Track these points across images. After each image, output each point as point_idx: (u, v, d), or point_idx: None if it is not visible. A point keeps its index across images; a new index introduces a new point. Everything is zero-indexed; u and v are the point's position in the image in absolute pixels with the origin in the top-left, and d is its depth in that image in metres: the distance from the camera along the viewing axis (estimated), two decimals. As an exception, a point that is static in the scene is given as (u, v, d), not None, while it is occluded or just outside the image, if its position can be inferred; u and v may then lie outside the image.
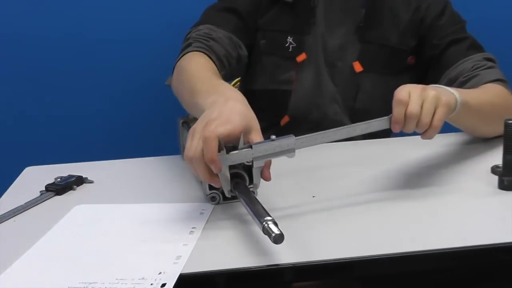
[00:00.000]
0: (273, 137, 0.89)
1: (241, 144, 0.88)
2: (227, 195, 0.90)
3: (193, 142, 0.87)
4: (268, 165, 0.91)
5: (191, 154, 0.86)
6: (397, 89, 0.96)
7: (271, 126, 1.34)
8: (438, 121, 0.96)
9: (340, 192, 0.99)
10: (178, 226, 0.89)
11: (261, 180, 0.90)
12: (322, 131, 0.94)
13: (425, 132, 0.96)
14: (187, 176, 1.08)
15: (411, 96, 0.95)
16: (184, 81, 1.09)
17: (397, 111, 0.94)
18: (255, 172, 0.89)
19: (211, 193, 0.96)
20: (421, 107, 0.94)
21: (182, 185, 1.05)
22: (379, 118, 0.95)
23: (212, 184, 0.89)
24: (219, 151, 0.84)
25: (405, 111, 0.94)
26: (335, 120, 1.34)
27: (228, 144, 0.87)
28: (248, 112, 0.91)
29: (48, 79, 1.79)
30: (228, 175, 0.88)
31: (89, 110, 1.83)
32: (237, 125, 0.87)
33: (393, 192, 0.98)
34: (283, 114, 1.36)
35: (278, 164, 0.92)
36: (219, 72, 1.18)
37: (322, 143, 0.93)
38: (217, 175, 0.87)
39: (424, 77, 1.33)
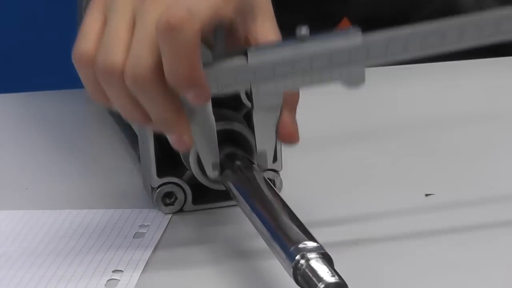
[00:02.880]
0: (304, 31, 0.71)
1: (219, 46, 0.70)
2: (210, 174, 0.70)
3: (114, 26, 0.66)
4: (290, 104, 0.71)
5: (117, 60, 0.65)
6: None
7: None
8: None
9: (490, 190, 0.79)
10: (84, 265, 0.71)
11: (282, 148, 0.71)
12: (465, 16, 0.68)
13: None
14: (107, 138, 0.88)
15: None
16: None
17: None
18: (259, 124, 0.71)
19: (163, 184, 0.75)
20: None
21: (94, 160, 0.86)
22: None
23: (176, 144, 0.68)
24: None
25: None
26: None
27: None
28: None
29: None
30: (214, 121, 0.69)
31: None
32: None
33: None
34: (341, 14, 1.22)
35: (334, 107, 0.80)
36: None
37: (450, 49, 0.67)
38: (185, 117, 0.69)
39: None
